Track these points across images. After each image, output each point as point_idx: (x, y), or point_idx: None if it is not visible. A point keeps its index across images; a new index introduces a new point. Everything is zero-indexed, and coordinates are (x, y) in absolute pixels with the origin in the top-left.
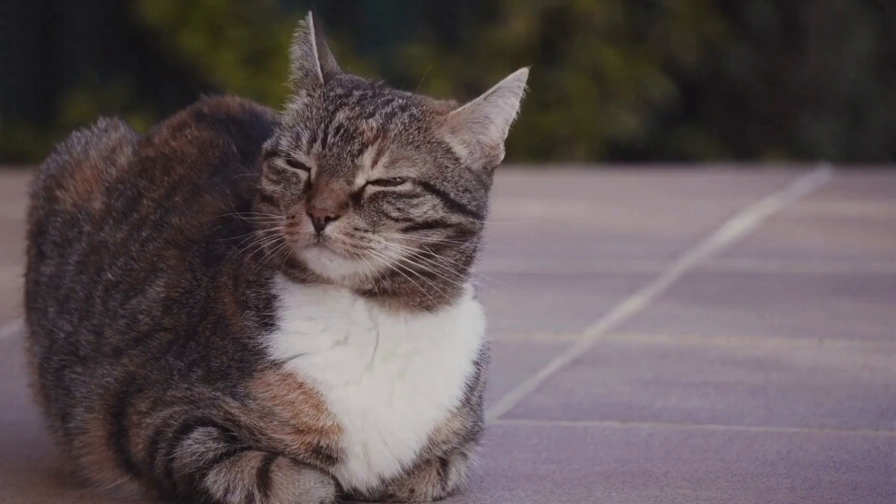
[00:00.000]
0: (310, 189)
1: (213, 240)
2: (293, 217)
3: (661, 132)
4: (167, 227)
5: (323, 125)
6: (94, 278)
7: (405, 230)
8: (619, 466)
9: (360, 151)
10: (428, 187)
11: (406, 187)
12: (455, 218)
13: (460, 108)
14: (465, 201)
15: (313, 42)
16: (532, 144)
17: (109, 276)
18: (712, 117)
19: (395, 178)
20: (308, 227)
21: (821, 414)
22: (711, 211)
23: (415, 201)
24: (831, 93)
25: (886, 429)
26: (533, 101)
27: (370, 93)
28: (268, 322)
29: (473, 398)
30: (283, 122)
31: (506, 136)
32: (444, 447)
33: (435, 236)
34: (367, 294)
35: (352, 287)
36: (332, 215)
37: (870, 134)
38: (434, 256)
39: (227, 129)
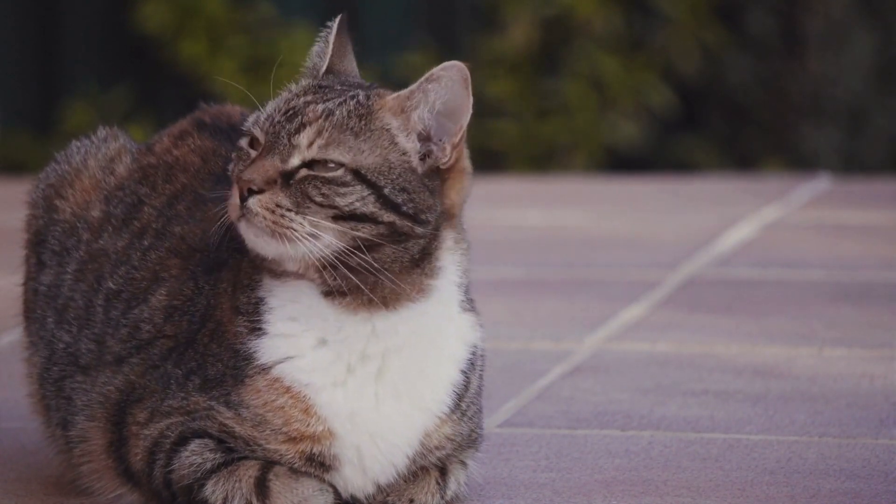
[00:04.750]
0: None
1: (216, 248)
2: (230, 190)
3: (661, 140)
4: (169, 236)
5: (283, 106)
6: (94, 286)
7: (333, 218)
8: (618, 475)
9: (298, 131)
10: (359, 177)
11: (337, 173)
12: (388, 216)
13: (401, 91)
14: (399, 201)
15: (331, 41)
16: (531, 153)
17: (111, 284)
18: (712, 125)
19: (327, 161)
20: (236, 198)
21: (820, 422)
22: (711, 219)
23: (342, 189)
24: (831, 101)
25: (886, 437)
26: (532, 110)
27: (353, 89)
28: (256, 326)
29: (464, 404)
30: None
31: (457, 137)
32: (439, 453)
33: (364, 231)
34: (325, 294)
35: (303, 276)
36: (255, 188)
37: (869, 143)
38: (367, 254)
39: (229, 138)
